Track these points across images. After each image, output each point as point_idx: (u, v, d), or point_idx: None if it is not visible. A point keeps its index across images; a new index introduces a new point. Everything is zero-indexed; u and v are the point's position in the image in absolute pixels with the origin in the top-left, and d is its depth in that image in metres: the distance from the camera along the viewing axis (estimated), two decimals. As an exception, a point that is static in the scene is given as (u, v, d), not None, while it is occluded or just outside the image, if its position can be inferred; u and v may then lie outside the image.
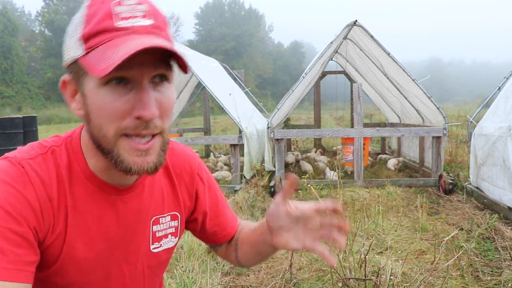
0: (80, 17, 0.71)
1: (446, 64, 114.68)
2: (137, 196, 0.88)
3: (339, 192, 4.02)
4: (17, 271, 0.68)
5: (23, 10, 54.90)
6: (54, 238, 0.78)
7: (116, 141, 0.72)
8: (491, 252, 2.94)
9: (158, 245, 0.95)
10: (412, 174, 6.15)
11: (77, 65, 0.72)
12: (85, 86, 0.72)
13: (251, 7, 61.10)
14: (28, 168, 0.75)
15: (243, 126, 5.28)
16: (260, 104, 8.26)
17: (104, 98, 0.70)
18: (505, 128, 3.80)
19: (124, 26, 0.68)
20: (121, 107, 0.70)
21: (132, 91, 0.70)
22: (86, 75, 0.71)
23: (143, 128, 0.72)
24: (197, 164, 1.02)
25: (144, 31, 0.70)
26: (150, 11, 0.71)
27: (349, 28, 5.58)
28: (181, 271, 2.64)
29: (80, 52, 0.70)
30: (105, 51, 0.67)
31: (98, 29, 0.68)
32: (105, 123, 0.71)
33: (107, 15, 0.68)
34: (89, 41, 0.69)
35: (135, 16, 0.69)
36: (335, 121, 16.71)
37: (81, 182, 0.81)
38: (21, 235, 0.70)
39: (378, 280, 2.10)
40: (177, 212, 0.97)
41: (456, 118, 8.34)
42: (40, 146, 0.81)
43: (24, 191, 0.73)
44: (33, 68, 39.77)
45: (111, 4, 0.69)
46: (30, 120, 8.33)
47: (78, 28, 0.70)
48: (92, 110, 0.72)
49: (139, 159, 0.74)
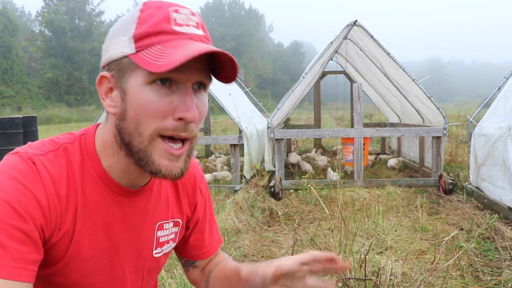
0: (132, 18, 0.74)
1: (446, 64, 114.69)
2: (145, 200, 0.88)
3: (339, 192, 4.02)
4: (18, 269, 0.68)
5: (23, 10, 54.94)
6: (61, 236, 0.78)
7: (152, 140, 0.73)
8: (491, 252, 2.94)
9: (160, 250, 0.96)
10: (412, 174, 6.15)
11: (123, 62, 0.73)
12: (129, 83, 0.73)
13: (251, 7, 61.13)
14: (39, 165, 0.75)
15: (243, 126, 5.28)
16: (260, 104, 8.26)
17: (148, 96, 0.71)
18: (505, 128, 3.80)
19: (181, 31, 0.72)
20: (164, 107, 0.72)
21: (176, 93, 0.72)
22: (132, 72, 0.73)
23: (182, 130, 0.74)
24: (200, 177, 1.04)
25: (198, 39, 0.73)
26: (200, 23, 0.76)
27: (349, 28, 5.58)
28: (181, 271, 2.64)
29: (130, 50, 0.72)
30: (164, 49, 0.70)
31: (156, 30, 0.71)
32: (145, 121, 0.72)
33: (165, 19, 0.72)
34: (144, 40, 0.71)
35: (189, 25, 0.73)
36: (335, 121, 16.71)
37: (93, 181, 0.81)
38: (25, 233, 0.70)
39: (378, 280, 2.10)
40: (179, 219, 0.98)
41: (456, 118, 8.34)
42: (52, 142, 0.81)
43: (33, 188, 0.73)
44: (33, 68, 39.75)
45: (169, 10, 0.73)
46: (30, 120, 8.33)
47: (130, 28, 0.73)
48: (132, 107, 0.73)
49: (170, 163, 0.75)
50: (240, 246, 3.20)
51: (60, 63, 37.21)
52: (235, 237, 3.42)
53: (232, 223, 3.63)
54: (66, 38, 37.63)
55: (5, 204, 0.69)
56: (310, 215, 4.12)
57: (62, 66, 37.18)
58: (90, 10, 41.27)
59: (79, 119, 26.60)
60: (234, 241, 3.32)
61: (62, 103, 34.81)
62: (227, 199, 4.41)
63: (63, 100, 36.07)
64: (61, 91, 36.98)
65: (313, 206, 4.43)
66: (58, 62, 37.17)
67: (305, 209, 4.30)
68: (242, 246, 3.18)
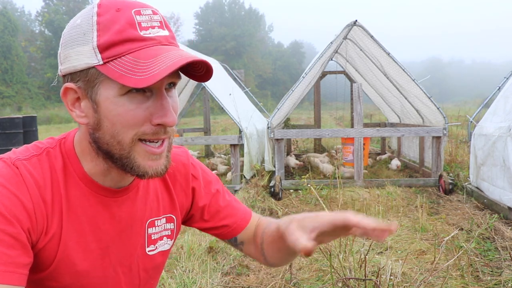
0: (89, 23, 0.70)
1: (446, 64, 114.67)
2: (131, 199, 0.88)
3: (339, 192, 4.02)
4: (9, 273, 0.68)
5: (23, 10, 54.90)
6: (48, 240, 0.77)
7: (133, 146, 0.74)
8: (491, 252, 2.94)
9: (154, 247, 0.95)
10: (412, 174, 6.15)
11: (91, 73, 0.71)
12: (101, 94, 0.71)
13: (251, 7, 61.11)
14: (22, 169, 0.75)
15: (243, 126, 5.28)
16: (260, 104, 8.26)
17: (124, 105, 0.71)
18: (505, 128, 3.80)
19: (148, 37, 0.70)
20: (142, 114, 0.72)
21: (151, 99, 0.72)
22: (102, 83, 0.71)
23: (162, 133, 0.74)
24: (190, 163, 1.01)
25: (166, 41, 0.72)
26: (163, 21, 0.73)
27: (349, 28, 5.58)
28: (181, 271, 2.64)
29: (96, 61, 0.69)
30: (136, 61, 0.68)
31: (122, 38, 0.68)
32: (123, 130, 0.72)
33: (129, 24, 0.69)
34: (110, 50, 0.68)
35: (153, 26, 0.71)
36: (335, 121, 16.70)
37: (76, 184, 0.81)
38: (13, 237, 0.69)
39: (378, 280, 2.10)
40: (173, 215, 0.97)
41: (456, 118, 8.34)
42: (35, 147, 0.81)
43: (18, 193, 0.72)
44: (33, 68, 39.75)
45: (132, 13, 0.69)
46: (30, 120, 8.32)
47: (90, 36, 0.69)
48: (108, 117, 0.72)
49: (153, 163, 0.76)
50: (240, 246, 3.20)
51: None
52: (235, 237, 3.42)
53: (232, 223, 3.62)
54: (66, 38, 37.58)
55: None
56: (310, 215, 4.12)
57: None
58: (90, 10, 41.22)
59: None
60: (234, 241, 3.32)
61: (62, 103, 34.63)
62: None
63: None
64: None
65: (313, 206, 4.43)
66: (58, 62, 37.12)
67: (305, 209, 4.30)
68: (242, 246, 3.18)
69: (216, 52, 48.61)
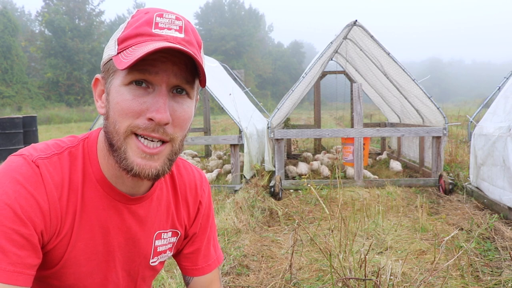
0: (124, 23, 0.78)
1: (446, 64, 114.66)
2: (144, 208, 0.88)
3: (339, 192, 4.02)
4: (17, 273, 0.68)
5: (23, 10, 54.95)
6: (59, 240, 0.78)
7: (126, 137, 0.74)
8: (491, 252, 2.94)
9: (156, 259, 0.96)
10: (412, 174, 6.15)
11: (109, 64, 0.76)
12: (111, 84, 0.76)
13: (251, 7, 61.08)
14: (43, 169, 0.75)
15: (243, 126, 5.28)
16: (260, 104, 8.26)
17: (123, 95, 0.73)
18: (505, 128, 3.80)
19: (158, 34, 0.74)
20: (137, 106, 0.73)
21: (151, 95, 0.74)
22: (114, 73, 0.75)
23: (152, 130, 0.74)
24: (203, 191, 1.02)
25: (174, 41, 0.74)
26: (185, 28, 0.76)
27: (349, 28, 5.58)
28: (181, 271, 2.64)
29: (114, 52, 0.75)
30: (134, 49, 0.72)
31: (135, 32, 0.74)
32: (120, 119, 0.74)
33: (147, 23, 0.74)
34: (125, 42, 0.74)
35: (170, 28, 0.75)
36: (335, 121, 16.70)
37: (93, 186, 0.81)
38: (25, 237, 0.70)
39: (378, 280, 2.10)
40: (178, 230, 0.98)
41: (456, 118, 8.34)
42: (56, 145, 0.82)
43: (35, 193, 0.73)
44: (33, 68, 39.75)
45: (154, 15, 0.75)
46: (30, 120, 8.32)
47: (119, 32, 0.77)
48: (111, 106, 0.75)
49: (142, 161, 0.75)
50: (240, 246, 3.19)
51: (60, 63, 37.19)
52: (235, 237, 3.42)
53: (232, 223, 3.62)
54: (66, 38, 37.60)
55: (7, 207, 0.69)
56: (310, 215, 4.12)
57: (62, 66, 37.15)
58: (90, 10, 41.23)
59: (79, 119, 26.58)
60: (234, 241, 3.32)
61: (62, 103, 34.77)
62: (227, 199, 4.41)
63: (63, 100, 36.04)
64: (61, 91, 36.95)
65: (313, 206, 4.43)
66: (58, 62, 37.14)
67: (305, 209, 4.30)
68: (242, 246, 3.18)
69: (216, 52, 48.59)
